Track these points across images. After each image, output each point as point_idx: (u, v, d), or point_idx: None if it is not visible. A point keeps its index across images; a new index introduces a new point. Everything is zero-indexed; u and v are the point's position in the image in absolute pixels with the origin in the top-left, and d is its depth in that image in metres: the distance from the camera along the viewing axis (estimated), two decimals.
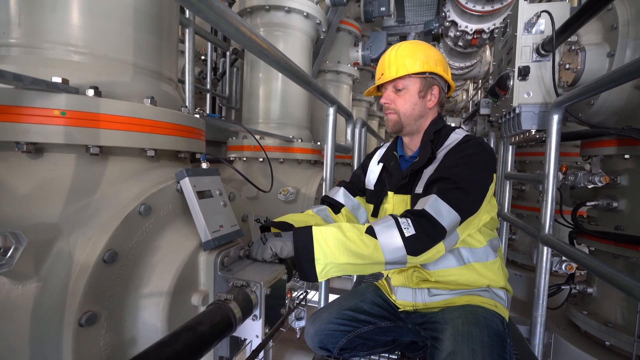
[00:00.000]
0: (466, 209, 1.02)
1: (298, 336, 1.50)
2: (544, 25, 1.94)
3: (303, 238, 0.96)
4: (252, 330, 0.86)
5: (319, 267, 0.93)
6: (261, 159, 2.54)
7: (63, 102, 0.87)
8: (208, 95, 3.14)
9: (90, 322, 0.75)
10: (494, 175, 1.12)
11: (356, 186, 1.44)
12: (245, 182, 2.41)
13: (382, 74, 1.23)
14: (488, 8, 3.68)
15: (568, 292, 2.13)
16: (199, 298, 0.95)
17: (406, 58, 1.18)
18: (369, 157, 1.47)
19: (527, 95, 1.97)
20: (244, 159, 2.61)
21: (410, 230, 0.95)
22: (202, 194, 0.98)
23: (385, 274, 1.44)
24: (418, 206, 1.02)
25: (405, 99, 1.21)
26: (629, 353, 1.70)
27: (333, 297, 1.59)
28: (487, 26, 3.92)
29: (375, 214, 1.31)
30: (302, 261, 0.94)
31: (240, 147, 2.62)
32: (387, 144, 1.42)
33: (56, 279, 0.76)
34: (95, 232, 0.80)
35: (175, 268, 0.90)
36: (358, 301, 1.34)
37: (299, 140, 2.65)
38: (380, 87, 1.30)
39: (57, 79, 0.86)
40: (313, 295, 2.31)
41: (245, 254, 1.05)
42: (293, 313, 1.45)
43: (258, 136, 2.51)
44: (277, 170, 2.50)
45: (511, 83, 2.04)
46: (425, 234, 0.95)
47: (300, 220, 1.25)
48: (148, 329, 0.88)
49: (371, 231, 0.97)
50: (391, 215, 1.01)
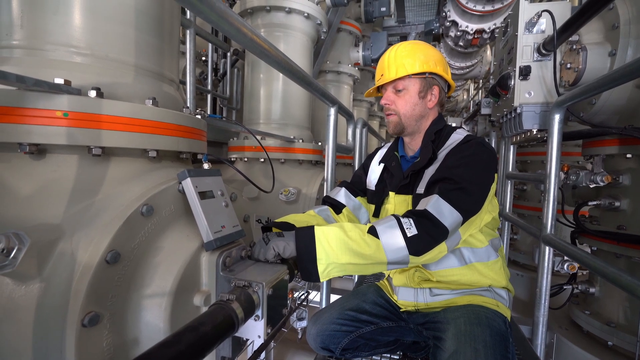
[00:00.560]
0: (468, 209, 1.02)
1: (300, 336, 1.50)
2: (545, 24, 1.94)
3: (305, 238, 0.95)
4: (254, 330, 0.86)
5: (321, 267, 0.93)
6: (262, 160, 2.54)
7: (65, 103, 0.88)
8: (209, 96, 3.15)
9: (92, 323, 0.76)
10: (495, 175, 1.12)
11: (357, 186, 1.44)
12: (246, 183, 2.42)
13: (382, 75, 1.23)
14: (489, 8, 3.68)
15: (570, 292, 2.13)
16: (201, 298, 0.95)
17: (406, 58, 1.18)
18: (370, 158, 1.47)
19: (528, 94, 1.97)
20: (245, 160, 2.62)
21: (412, 230, 0.95)
22: (204, 195, 0.98)
23: (386, 274, 1.43)
24: (420, 206, 1.01)
25: (405, 100, 1.21)
26: (632, 353, 1.69)
27: (335, 298, 1.59)
28: (488, 26, 3.92)
29: (376, 215, 1.31)
30: (304, 261, 0.94)
31: (241, 148, 2.62)
32: (389, 144, 1.42)
33: (59, 280, 0.76)
34: (97, 233, 0.81)
35: (177, 268, 0.91)
36: (360, 301, 1.34)
37: (300, 140, 2.65)
38: (380, 88, 1.30)
39: (60, 80, 0.86)
40: (315, 295, 2.31)
41: (247, 255, 1.05)
42: (295, 313, 1.45)
43: (259, 137, 2.51)
44: (278, 170, 2.50)
45: (512, 83, 2.04)
46: (427, 234, 0.95)
47: (301, 220, 1.25)
48: (150, 330, 0.88)
49: (373, 231, 0.96)
50: (393, 215, 1.01)
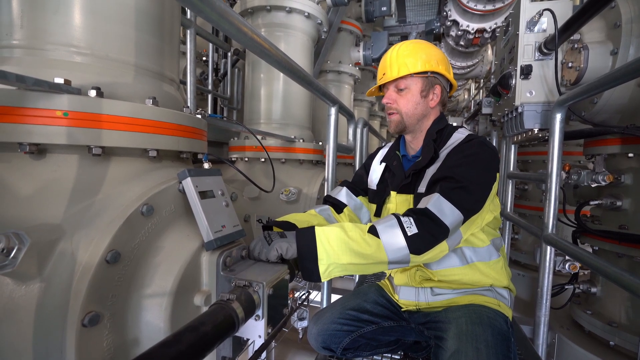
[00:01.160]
0: (469, 208, 1.02)
1: (300, 336, 1.49)
2: (546, 23, 1.93)
3: (306, 238, 0.95)
4: (255, 330, 0.86)
5: (322, 267, 0.93)
6: (263, 160, 2.54)
7: (65, 103, 0.88)
8: (210, 96, 3.15)
9: (93, 323, 0.76)
10: (497, 174, 1.11)
11: (359, 186, 1.43)
12: (247, 183, 2.42)
13: (384, 74, 1.23)
14: (490, 7, 3.67)
15: (571, 292, 2.12)
16: (202, 298, 0.95)
17: (407, 57, 1.18)
18: (372, 157, 1.47)
19: (530, 94, 1.96)
20: (246, 160, 2.61)
21: (412, 229, 0.94)
22: (204, 194, 0.98)
23: (387, 274, 1.43)
24: (421, 205, 1.01)
25: (407, 99, 1.20)
26: (634, 353, 1.68)
27: (335, 298, 1.59)
28: (489, 25, 3.91)
29: (378, 214, 1.30)
30: (306, 261, 0.94)
31: (242, 148, 2.62)
32: (390, 144, 1.42)
33: (59, 280, 0.76)
34: (97, 233, 0.81)
35: (177, 268, 0.91)
36: (361, 301, 1.34)
37: (301, 140, 2.65)
38: (382, 87, 1.30)
39: (60, 80, 0.86)
40: (315, 295, 2.30)
41: (247, 254, 1.05)
42: (295, 313, 1.45)
43: (260, 136, 2.51)
44: (279, 170, 2.50)
45: (513, 82, 2.04)
46: (428, 233, 0.95)
47: (302, 220, 1.24)
48: (151, 329, 0.88)
49: (373, 230, 0.96)
50: (393, 214, 1.01)
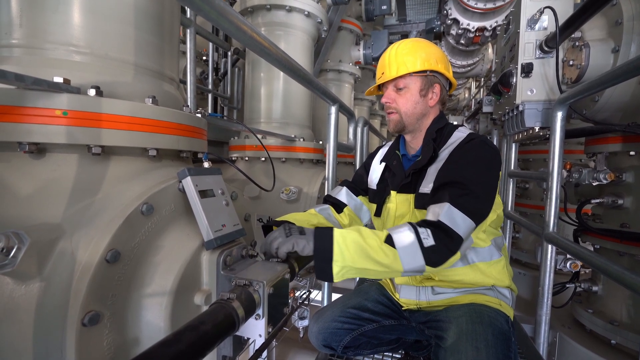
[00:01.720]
0: (480, 214, 1.02)
1: (301, 335, 1.49)
2: (547, 21, 1.92)
3: (324, 238, 0.94)
4: (255, 329, 0.86)
5: (336, 269, 0.92)
6: (263, 159, 2.54)
7: (65, 102, 0.87)
8: (210, 95, 3.15)
9: (93, 322, 0.75)
10: (500, 173, 1.11)
11: (359, 185, 1.43)
12: (247, 182, 2.41)
13: (383, 73, 1.22)
14: (490, 5, 3.66)
15: (573, 291, 2.12)
16: (202, 297, 0.94)
17: (406, 56, 1.17)
18: (371, 157, 1.46)
19: (531, 92, 1.96)
20: (246, 159, 2.61)
21: (429, 240, 0.94)
22: (204, 193, 0.98)
23: None
24: (431, 215, 0.99)
25: (406, 98, 1.20)
26: (635, 352, 1.68)
27: (336, 296, 1.59)
28: (489, 24, 3.89)
29: (378, 214, 1.30)
30: (320, 260, 0.93)
31: (242, 147, 2.62)
32: (390, 143, 1.41)
33: (59, 279, 0.76)
34: (97, 232, 0.80)
35: (177, 267, 0.90)
36: (362, 299, 1.34)
37: (301, 139, 2.64)
38: (381, 86, 1.29)
39: (59, 79, 0.86)
40: (316, 294, 2.30)
41: (247, 253, 1.04)
42: (296, 312, 1.44)
43: (260, 135, 2.51)
44: (279, 169, 2.49)
45: (514, 80, 2.03)
46: (444, 246, 0.95)
47: (302, 219, 1.24)
48: (151, 329, 0.88)
49: (390, 240, 0.95)
50: (410, 223, 0.99)
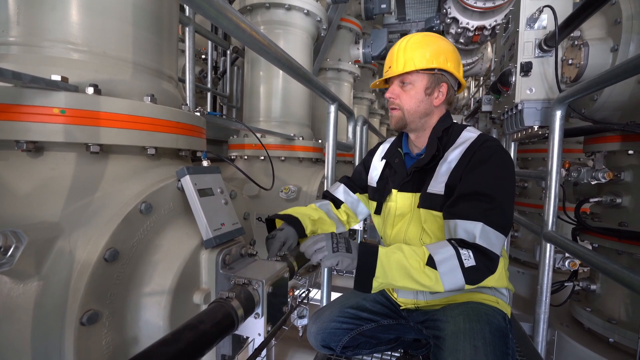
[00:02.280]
0: (509, 226, 1.04)
1: (300, 334, 1.49)
2: (547, 20, 1.92)
3: (367, 256, 0.96)
4: (255, 328, 0.86)
5: (376, 284, 0.95)
6: (262, 158, 2.53)
7: (63, 101, 0.87)
8: (209, 94, 3.14)
9: (91, 321, 0.75)
10: None
11: (357, 183, 1.43)
12: (246, 181, 2.41)
13: (390, 67, 1.18)
14: (489, 4, 3.65)
15: (571, 289, 2.13)
16: (201, 296, 0.94)
17: (415, 51, 1.13)
18: (371, 153, 1.45)
19: (530, 91, 1.96)
20: (245, 158, 2.61)
21: (470, 261, 0.94)
22: (203, 192, 0.97)
23: None
24: (464, 234, 0.98)
25: (410, 95, 1.16)
26: (633, 350, 1.69)
27: (335, 296, 1.59)
28: (489, 22, 3.89)
29: (378, 212, 1.29)
30: (362, 274, 0.96)
31: (241, 146, 2.62)
32: (391, 139, 1.39)
33: (57, 278, 0.76)
34: (96, 231, 0.80)
35: (176, 266, 0.90)
36: (360, 299, 1.34)
37: (300, 138, 2.64)
38: (388, 80, 1.26)
39: (57, 77, 0.85)
40: (315, 293, 2.30)
41: (247, 252, 1.04)
42: (295, 311, 1.44)
43: (259, 134, 2.50)
44: (279, 168, 2.49)
45: (513, 79, 2.03)
46: (485, 267, 0.96)
47: (304, 213, 1.27)
48: (150, 328, 0.87)
49: (431, 262, 0.95)
50: (449, 242, 0.98)
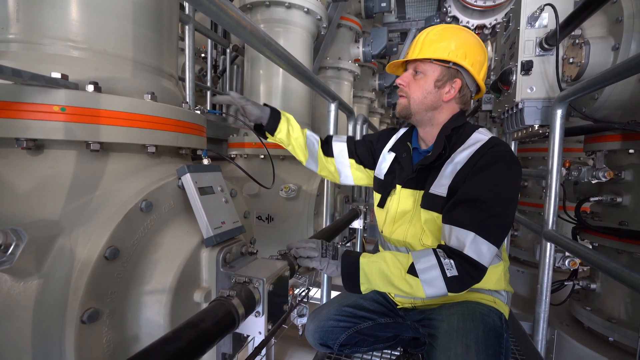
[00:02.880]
0: (503, 237, 1.02)
1: (300, 333, 1.50)
2: (547, 19, 1.92)
3: (351, 267, 1.03)
4: (255, 326, 0.86)
5: (363, 287, 1.03)
6: (262, 156, 2.53)
7: (63, 98, 0.86)
8: (209, 92, 3.13)
9: (92, 319, 0.75)
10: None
11: (359, 150, 1.38)
12: (246, 180, 2.41)
13: (408, 53, 1.15)
14: (490, 3, 3.65)
15: (571, 288, 2.13)
16: (202, 295, 0.94)
17: (435, 41, 1.08)
18: (384, 139, 1.36)
19: (530, 90, 1.95)
20: (245, 156, 2.61)
21: (453, 271, 0.94)
22: (204, 190, 0.97)
23: None
24: (455, 241, 0.97)
25: (419, 85, 1.12)
26: (633, 349, 1.69)
27: (335, 294, 1.59)
28: (489, 21, 3.89)
29: (381, 205, 1.26)
30: (348, 281, 1.04)
31: (241, 144, 2.61)
32: (404, 130, 1.33)
33: (58, 276, 0.76)
34: (96, 229, 0.80)
35: (177, 265, 0.90)
36: (358, 298, 1.34)
37: None
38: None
39: (57, 75, 0.85)
40: (315, 292, 2.31)
41: (247, 251, 1.04)
42: (295, 310, 1.44)
43: None
44: (279, 167, 2.49)
45: (514, 78, 2.03)
46: (468, 276, 0.96)
47: (294, 130, 1.36)
48: (150, 326, 0.87)
49: (413, 270, 0.97)
50: (433, 250, 0.99)
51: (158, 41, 1.17)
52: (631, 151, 1.74)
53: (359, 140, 1.44)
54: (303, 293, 1.37)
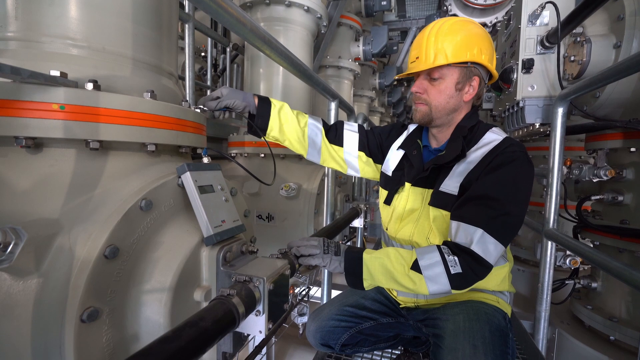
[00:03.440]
0: (512, 236, 1.01)
1: (301, 332, 1.49)
2: (549, 17, 1.91)
3: (354, 263, 1.04)
4: (255, 325, 0.85)
5: (366, 284, 1.04)
6: (262, 155, 2.53)
7: (62, 96, 0.86)
8: (209, 91, 3.13)
9: (92, 318, 0.75)
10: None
11: (370, 141, 1.33)
12: (247, 179, 2.40)
13: (417, 58, 1.08)
14: (490, 1, 3.64)
15: (572, 287, 2.13)
16: (202, 294, 0.94)
17: (447, 42, 1.03)
18: (394, 135, 1.33)
19: (531, 88, 1.95)
20: (245, 155, 2.60)
21: (456, 268, 0.94)
22: (204, 189, 0.97)
23: None
24: (463, 237, 0.96)
25: (439, 90, 1.07)
26: (634, 348, 1.69)
27: (336, 293, 1.58)
28: (490, 20, 3.88)
29: (388, 202, 1.24)
30: (351, 277, 1.05)
31: (241, 143, 2.61)
32: (413, 127, 1.29)
33: (57, 275, 0.75)
34: (96, 228, 0.79)
35: (177, 264, 0.90)
36: (359, 297, 1.33)
37: None
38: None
39: (56, 73, 0.84)
40: (316, 291, 2.30)
41: (247, 249, 1.04)
42: (296, 309, 1.44)
43: None
44: (279, 166, 2.48)
45: (515, 76, 2.02)
46: (472, 273, 0.95)
47: (291, 121, 1.33)
48: (150, 325, 0.87)
49: (416, 267, 0.97)
50: (437, 247, 0.98)
51: (158, 39, 1.16)
52: (632, 149, 1.73)
53: (369, 131, 1.37)
54: (303, 292, 1.37)
